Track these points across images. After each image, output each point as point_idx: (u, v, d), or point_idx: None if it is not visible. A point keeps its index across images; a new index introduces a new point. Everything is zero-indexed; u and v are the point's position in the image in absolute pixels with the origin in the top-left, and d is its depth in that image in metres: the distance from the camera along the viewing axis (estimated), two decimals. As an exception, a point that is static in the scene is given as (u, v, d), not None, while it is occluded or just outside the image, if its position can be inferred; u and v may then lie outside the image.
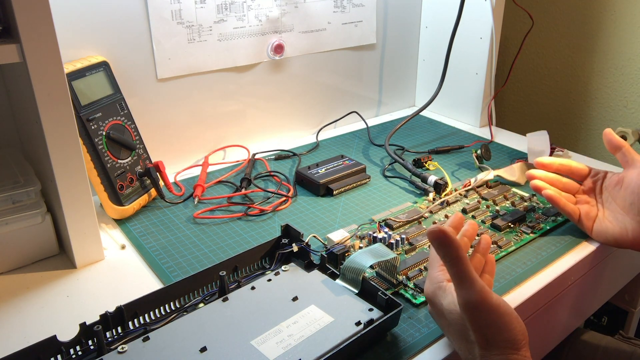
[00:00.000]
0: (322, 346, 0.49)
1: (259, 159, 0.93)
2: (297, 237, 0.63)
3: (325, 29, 1.00)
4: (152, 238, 0.71)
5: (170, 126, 0.87)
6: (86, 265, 0.66)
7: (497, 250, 0.67)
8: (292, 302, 0.56)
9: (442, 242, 0.45)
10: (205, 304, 0.56)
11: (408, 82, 1.20)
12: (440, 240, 0.45)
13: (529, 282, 0.63)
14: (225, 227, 0.73)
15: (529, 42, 1.18)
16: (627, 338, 0.81)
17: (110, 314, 0.51)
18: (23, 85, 0.58)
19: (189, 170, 0.90)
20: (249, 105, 0.95)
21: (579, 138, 1.20)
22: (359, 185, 0.85)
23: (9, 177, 0.65)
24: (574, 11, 1.13)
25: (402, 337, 0.54)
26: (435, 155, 0.95)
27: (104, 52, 0.77)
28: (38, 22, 0.53)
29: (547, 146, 0.87)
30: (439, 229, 0.45)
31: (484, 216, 0.74)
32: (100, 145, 0.71)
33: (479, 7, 1.01)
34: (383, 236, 0.67)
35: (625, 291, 0.92)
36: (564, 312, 0.71)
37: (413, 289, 0.60)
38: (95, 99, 0.72)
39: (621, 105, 1.10)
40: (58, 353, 0.48)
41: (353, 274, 0.57)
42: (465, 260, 0.45)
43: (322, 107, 1.06)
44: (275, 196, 0.80)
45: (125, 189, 0.74)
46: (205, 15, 0.84)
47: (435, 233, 0.45)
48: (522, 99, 1.29)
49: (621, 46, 1.07)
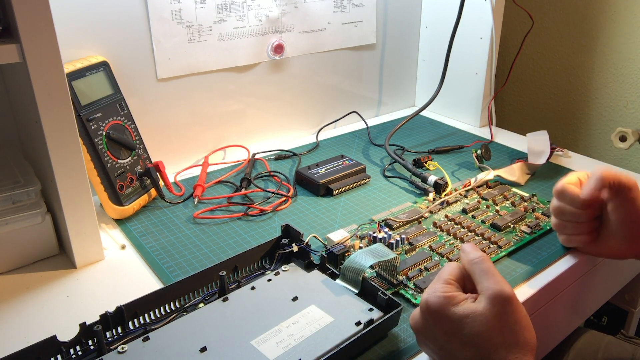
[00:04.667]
0: (322, 346, 0.49)
1: (259, 159, 0.93)
2: (297, 237, 0.63)
3: (325, 29, 1.00)
4: (152, 238, 0.71)
5: (170, 126, 0.87)
6: (86, 265, 0.66)
7: (497, 250, 0.67)
8: (292, 302, 0.56)
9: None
10: (205, 304, 0.56)
11: (408, 82, 1.20)
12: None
13: (529, 282, 0.63)
14: (225, 227, 0.73)
15: (529, 42, 1.18)
16: (629, 337, 0.80)
17: (110, 314, 0.51)
18: (23, 85, 0.58)
19: (189, 170, 0.90)
20: (249, 105, 0.95)
21: (579, 138, 1.20)
22: (359, 185, 0.85)
23: (9, 177, 0.65)
24: (573, 11, 1.13)
25: (402, 337, 0.54)
26: (435, 155, 0.95)
27: (104, 52, 0.77)
28: (38, 22, 0.53)
29: (547, 146, 0.87)
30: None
31: (484, 216, 0.74)
32: (100, 145, 0.71)
33: (479, 7, 1.01)
34: (383, 236, 0.67)
35: (625, 291, 0.92)
36: (564, 312, 0.71)
37: (413, 289, 0.60)
38: (95, 99, 0.72)
39: (621, 105, 1.10)
40: (58, 353, 0.48)
41: (353, 274, 0.57)
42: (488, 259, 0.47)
43: (322, 107, 1.06)
44: (275, 196, 0.80)
45: (125, 189, 0.74)
46: (205, 15, 0.84)
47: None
48: (522, 99, 1.29)
49: (621, 46, 1.07)
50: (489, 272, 0.46)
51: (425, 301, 0.47)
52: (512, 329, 0.44)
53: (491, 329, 0.43)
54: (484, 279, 0.46)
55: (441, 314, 0.45)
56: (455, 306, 0.45)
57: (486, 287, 0.45)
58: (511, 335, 0.44)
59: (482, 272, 0.46)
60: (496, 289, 0.45)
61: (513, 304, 0.45)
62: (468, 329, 0.44)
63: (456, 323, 0.45)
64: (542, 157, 0.86)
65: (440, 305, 0.45)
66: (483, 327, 0.44)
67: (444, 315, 0.45)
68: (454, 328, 0.45)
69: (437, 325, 0.46)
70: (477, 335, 0.44)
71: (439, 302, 0.45)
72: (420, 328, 0.48)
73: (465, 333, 0.44)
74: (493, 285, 0.45)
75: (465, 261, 0.49)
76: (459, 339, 0.44)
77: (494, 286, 0.45)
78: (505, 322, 0.44)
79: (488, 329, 0.43)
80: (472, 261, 0.48)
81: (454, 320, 0.45)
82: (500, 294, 0.44)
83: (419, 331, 0.48)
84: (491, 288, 0.45)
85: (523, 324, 0.45)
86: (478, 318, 0.44)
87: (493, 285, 0.45)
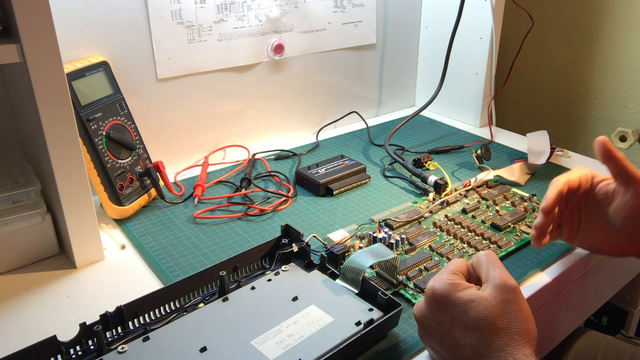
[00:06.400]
0: (322, 346, 0.49)
1: (259, 159, 0.93)
2: (297, 237, 0.63)
3: (325, 29, 1.00)
4: (152, 238, 0.71)
5: (170, 126, 0.87)
6: (86, 265, 0.66)
7: (497, 250, 0.67)
8: (292, 302, 0.56)
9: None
10: (205, 304, 0.56)
11: (408, 82, 1.20)
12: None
13: (529, 282, 0.63)
14: (225, 227, 0.73)
15: (529, 42, 1.18)
16: (629, 338, 0.80)
17: (110, 314, 0.51)
18: (23, 85, 0.58)
19: (189, 170, 0.90)
20: (249, 105, 0.95)
21: (579, 138, 1.20)
22: (359, 185, 0.85)
23: (9, 177, 0.65)
24: (574, 11, 1.13)
25: (402, 337, 0.54)
26: (435, 155, 0.95)
27: (104, 52, 0.77)
28: (38, 22, 0.53)
29: (547, 146, 0.87)
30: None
31: (484, 216, 0.74)
32: (100, 145, 0.71)
33: (479, 7, 1.01)
34: (383, 236, 0.67)
35: (625, 291, 0.92)
36: (564, 312, 0.71)
37: (413, 289, 0.60)
38: (95, 99, 0.72)
39: (621, 105, 1.10)
40: (58, 353, 0.48)
41: (353, 274, 0.57)
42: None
43: (322, 107, 1.06)
44: (275, 196, 0.80)
45: (125, 189, 0.74)
46: (205, 15, 0.84)
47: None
48: (522, 99, 1.29)
49: (621, 46, 1.07)
50: (496, 263, 0.49)
51: (430, 288, 0.48)
52: (515, 316, 0.45)
53: (495, 314, 0.45)
54: (491, 268, 0.48)
55: (446, 298, 0.46)
56: (461, 292, 0.46)
57: (493, 275, 0.47)
58: (514, 322, 0.45)
59: (491, 262, 0.49)
60: (504, 277, 0.47)
61: (517, 295, 0.46)
62: (473, 313, 0.45)
63: (461, 307, 0.46)
64: (542, 157, 0.86)
65: (446, 291, 0.47)
66: (487, 311, 0.45)
67: (449, 300, 0.46)
68: (458, 312, 0.46)
69: (441, 310, 0.47)
70: (482, 320, 0.45)
71: (444, 288, 0.47)
72: (425, 315, 0.48)
73: (469, 317, 0.45)
74: (500, 274, 0.47)
75: (474, 257, 0.51)
76: (463, 323, 0.45)
77: (502, 275, 0.47)
78: (509, 309, 0.45)
79: (492, 313, 0.45)
80: (480, 254, 0.50)
81: (459, 304, 0.46)
82: (507, 282, 0.46)
83: (423, 319, 0.49)
84: (498, 277, 0.47)
85: (526, 314, 0.46)
86: (483, 303, 0.45)
87: (500, 274, 0.47)
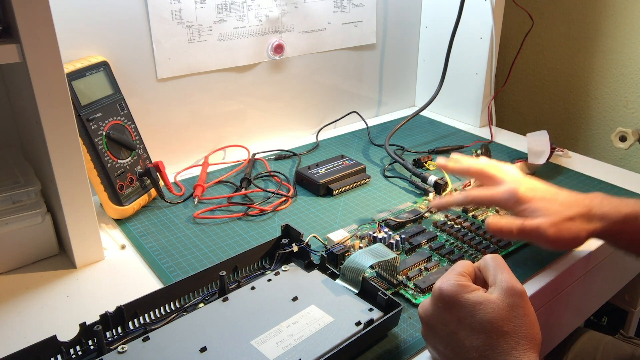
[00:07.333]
0: (322, 346, 0.49)
1: (259, 159, 0.93)
2: (297, 237, 0.63)
3: (325, 29, 1.00)
4: (152, 238, 0.71)
5: (170, 126, 0.87)
6: (86, 265, 0.66)
7: (497, 250, 0.67)
8: (292, 302, 0.56)
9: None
10: (205, 304, 0.56)
11: (408, 82, 1.20)
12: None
13: (529, 282, 0.63)
14: (225, 227, 0.73)
15: (529, 42, 1.18)
16: (628, 338, 0.80)
17: (110, 314, 0.51)
18: (23, 85, 0.58)
19: (189, 170, 0.90)
20: (249, 105, 0.95)
21: (579, 138, 1.20)
22: (359, 185, 0.85)
23: (9, 177, 0.65)
24: (574, 11, 1.13)
25: (402, 337, 0.54)
26: (435, 155, 0.95)
27: (104, 52, 0.77)
28: (38, 22, 0.53)
29: (547, 146, 0.87)
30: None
31: (484, 216, 0.74)
32: (100, 145, 0.71)
33: (479, 7, 1.01)
34: (383, 236, 0.67)
35: (625, 291, 0.92)
36: (564, 312, 0.71)
37: (413, 289, 0.60)
38: (95, 99, 0.72)
39: (621, 105, 1.10)
40: (58, 353, 0.48)
41: (353, 274, 0.57)
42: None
43: (322, 107, 1.06)
44: (275, 196, 0.80)
45: (125, 189, 0.74)
46: (205, 15, 0.84)
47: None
48: (522, 99, 1.29)
49: (621, 46, 1.07)
50: (504, 267, 0.49)
51: (438, 288, 0.47)
52: (521, 320, 0.45)
53: (502, 317, 0.45)
54: (499, 271, 0.48)
55: (454, 299, 0.46)
56: (469, 293, 0.46)
57: (501, 279, 0.47)
58: (520, 326, 0.45)
59: (498, 265, 0.49)
60: (511, 281, 0.47)
61: (524, 299, 0.46)
62: (479, 316, 0.45)
63: (468, 309, 0.45)
64: (542, 157, 0.86)
65: (454, 292, 0.46)
66: (495, 314, 0.45)
67: (457, 301, 0.46)
68: (465, 314, 0.46)
69: (448, 311, 0.47)
70: (489, 322, 0.44)
71: (452, 289, 0.47)
72: (430, 315, 0.48)
73: (476, 319, 0.45)
74: (508, 278, 0.47)
75: (481, 259, 0.51)
76: (470, 325, 0.45)
77: (509, 279, 0.47)
78: (516, 313, 0.45)
79: (499, 317, 0.45)
80: (488, 257, 0.51)
81: (466, 306, 0.46)
82: (515, 287, 0.47)
83: (429, 319, 0.48)
84: (506, 280, 0.47)
85: (532, 319, 0.46)
86: (491, 305, 0.45)
87: (508, 278, 0.47)
